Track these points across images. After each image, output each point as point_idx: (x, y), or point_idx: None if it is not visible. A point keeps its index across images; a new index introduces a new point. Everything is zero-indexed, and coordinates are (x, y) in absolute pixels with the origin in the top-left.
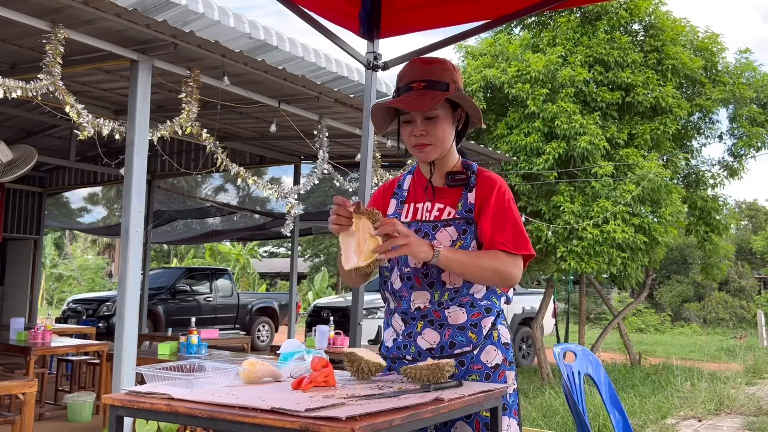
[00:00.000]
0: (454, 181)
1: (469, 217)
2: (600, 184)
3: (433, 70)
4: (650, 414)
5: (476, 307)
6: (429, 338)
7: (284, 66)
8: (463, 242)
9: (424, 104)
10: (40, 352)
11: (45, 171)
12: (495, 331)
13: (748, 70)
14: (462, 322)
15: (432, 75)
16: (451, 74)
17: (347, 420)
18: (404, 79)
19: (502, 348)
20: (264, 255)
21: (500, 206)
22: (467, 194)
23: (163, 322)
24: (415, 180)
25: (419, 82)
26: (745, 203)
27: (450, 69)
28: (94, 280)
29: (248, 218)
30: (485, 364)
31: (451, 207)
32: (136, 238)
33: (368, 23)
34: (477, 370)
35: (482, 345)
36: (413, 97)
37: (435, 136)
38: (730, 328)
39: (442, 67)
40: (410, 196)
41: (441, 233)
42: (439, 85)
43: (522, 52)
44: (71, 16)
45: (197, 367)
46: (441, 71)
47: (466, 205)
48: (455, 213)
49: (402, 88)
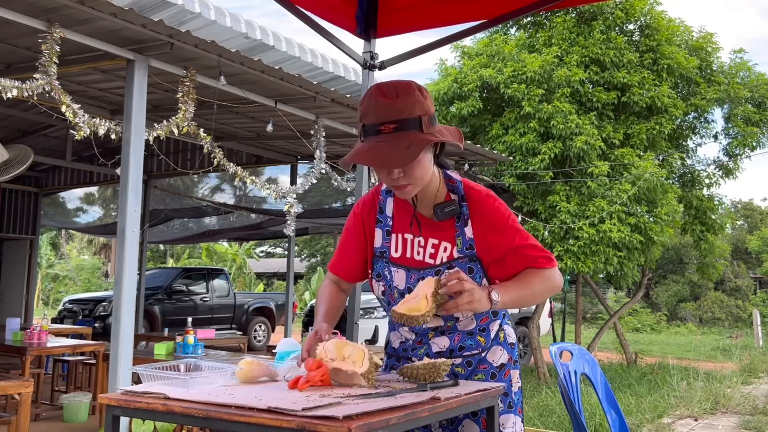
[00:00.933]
0: (443, 215)
1: (471, 255)
2: (596, 183)
3: (401, 106)
4: (646, 413)
5: (484, 312)
6: (440, 343)
7: (281, 66)
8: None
9: (400, 160)
10: (36, 353)
11: (41, 171)
12: (501, 332)
13: (742, 69)
14: (471, 328)
15: (401, 113)
16: (421, 104)
17: (344, 419)
18: (369, 117)
19: (507, 348)
20: (260, 255)
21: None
22: (463, 229)
23: (160, 322)
24: (398, 206)
25: (388, 124)
26: (740, 203)
27: (418, 99)
28: (90, 281)
29: (245, 218)
30: (491, 364)
31: (447, 242)
32: (133, 238)
33: (365, 23)
34: (483, 370)
35: (489, 345)
36: (384, 145)
37: (413, 176)
38: (725, 328)
39: (409, 99)
40: (396, 225)
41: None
42: (410, 123)
43: (518, 52)
44: (67, 15)
45: (193, 366)
46: (410, 105)
47: (465, 242)
48: (454, 251)
49: (368, 129)
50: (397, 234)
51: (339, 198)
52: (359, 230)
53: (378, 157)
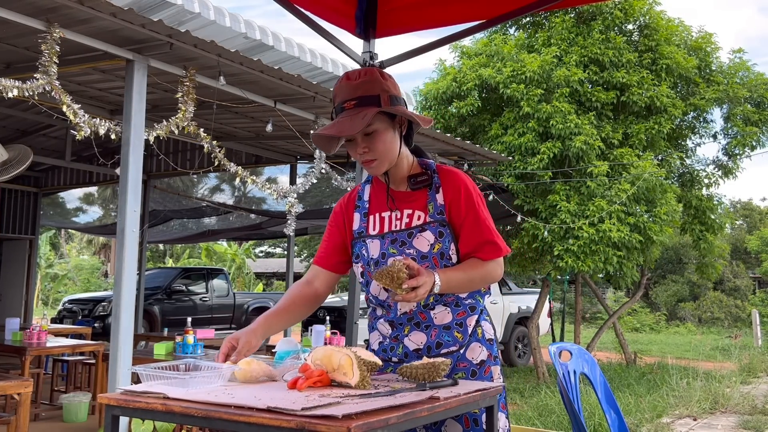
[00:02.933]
0: (416, 184)
1: (441, 219)
2: (595, 183)
3: (360, 86)
4: (645, 413)
5: (461, 306)
6: (416, 339)
7: (280, 66)
8: (441, 245)
9: (354, 126)
10: (36, 353)
11: (40, 171)
12: (479, 328)
13: (741, 69)
14: (447, 322)
15: (359, 91)
16: (381, 84)
17: (343, 419)
18: (336, 98)
19: (486, 344)
20: (260, 255)
21: (471, 210)
22: (435, 195)
23: (159, 322)
24: (375, 189)
25: (349, 101)
26: (739, 203)
27: (378, 79)
28: (89, 280)
29: (244, 218)
30: (470, 361)
31: (420, 210)
32: (132, 238)
33: (364, 23)
34: (463, 368)
35: (468, 343)
36: (346, 119)
37: (376, 150)
38: (725, 328)
39: (369, 79)
40: (372, 206)
41: (418, 239)
42: (369, 99)
43: (517, 52)
44: (66, 15)
45: (193, 366)
46: (369, 84)
47: (436, 207)
48: (427, 216)
49: (337, 109)
50: (374, 214)
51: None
52: (339, 220)
53: (337, 128)
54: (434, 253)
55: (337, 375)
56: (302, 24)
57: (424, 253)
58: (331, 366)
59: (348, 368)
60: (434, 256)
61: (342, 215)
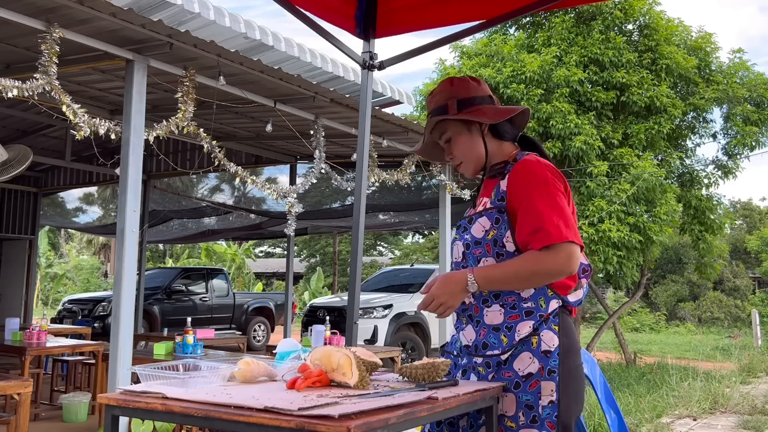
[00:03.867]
0: (491, 172)
1: (501, 206)
2: (595, 183)
3: (432, 100)
4: (645, 413)
5: (517, 308)
6: (468, 335)
7: (280, 66)
8: (496, 231)
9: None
10: (36, 353)
11: (40, 171)
12: (535, 336)
13: (741, 69)
14: (497, 323)
15: (431, 104)
16: (447, 93)
17: (341, 418)
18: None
19: (539, 356)
20: (260, 255)
21: (527, 197)
22: (500, 182)
23: (159, 322)
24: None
25: (429, 115)
26: (739, 203)
27: (446, 89)
28: (89, 281)
29: (244, 218)
30: (516, 372)
31: (487, 197)
32: (132, 238)
33: (364, 23)
34: (507, 378)
35: (515, 351)
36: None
37: (457, 156)
38: (724, 328)
39: (439, 90)
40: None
41: (475, 225)
42: (438, 111)
43: (517, 52)
44: (66, 15)
45: (192, 366)
46: (439, 96)
47: (498, 194)
48: (488, 202)
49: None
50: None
51: (338, 198)
52: None
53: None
54: (488, 240)
55: (336, 375)
56: (302, 24)
57: (478, 239)
58: (330, 366)
59: (347, 368)
60: (488, 242)
61: None
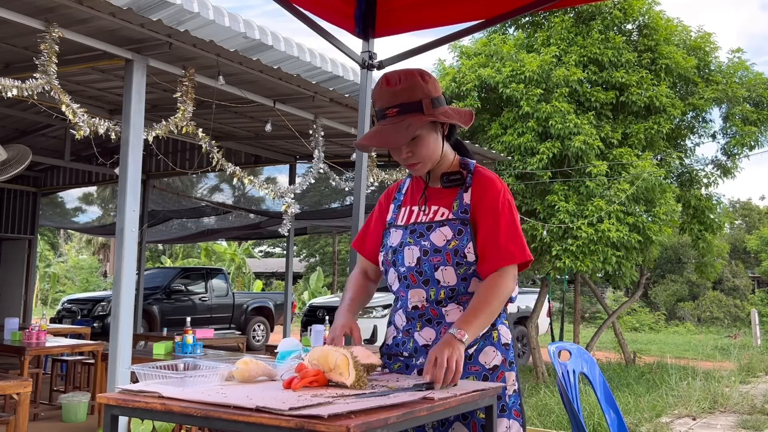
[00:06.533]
0: (449, 182)
1: (464, 218)
2: (594, 183)
3: (401, 92)
4: (645, 412)
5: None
6: (426, 335)
7: (279, 65)
8: (458, 242)
9: (399, 139)
10: (35, 353)
11: (39, 171)
12: (495, 331)
13: (740, 69)
14: None
15: (401, 97)
16: (422, 89)
17: (341, 418)
18: (377, 103)
19: (501, 349)
20: (259, 255)
21: (492, 215)
22: (462, 194)
23: (158, 322)
24: (413, 183)
25: (391, 108)
26: (738, 202)
27: (419, 84)
28: (88, 280)
29: (243, 217)
30: (483, 366)
31: (445, 207)
32: (131, 238)
33: (363, 23)
34: (474, 372)
35: (479, 346)
36: (389, 127)
37: (420, 155)
38: (724, 327)
39: (410, 84)
40: (406, 199)
41: (435, 233)
42: (411, 106)
43: (516, 52)
44: (65, 15)
45: (191, 366)
46: (410, 90)
47: (461, 206)
48: (449, 213)
49: (378, 114)
50: (406, 207)
51: (338, 198)
52: (382, 209)
53: (381, 138)
54: (449, 249)
55: (333, 375)
56: (301, 24)
57: (438, 247)
58: (328, 366)
59: (344, 368)
60: (448, 251)
61: (385, 204)
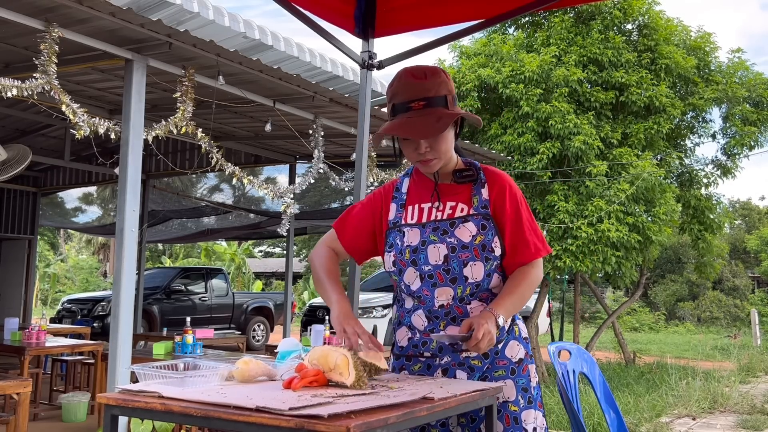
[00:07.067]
0: (462, 177)
1: (485, 213)
2: (594, 183)
3: (429, 86)
4: (645, 412)
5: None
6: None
7: (279, 65)
8: (483, 237)
9: (431, 131)
10: (35, 352)
11: (39, 171)
12: (515, 326)
13: (740, 69)
14: None
15: (429, 91)
16: (446, 85)
17: (341, 417)
18: (400, 96)
19: (523, 342)
20: (259, 255)
21: (515, 210)
22: (480, 190)
23: (158, 322)
24: (415, 181)
25: (418, 101)
26: (738, 202)
27: (444, 80)
28: (88, 280)
29: (243, 217)
30: (510, 359)
31: (464, 203)
32: (131, 238)
33: (363, 22)
34: (503, 366)
35: (505, 340)
36: (417, 120)
37: (439, 150)
38: (724, 327)
39: (437, 80)
40: (411, 198)
41: (460, 229)
42: (438, 100)
43: (516, 51)
44: (65, 15)
45: (191, 366)
46: (437, 85)
47: (481, 201)
48: (470, 209)
49: (399, 107)
50: (412, 205)
51: (337, 198)
52: (376, 207)
53: (412, 129)
54: (475, 244)
55: (333, 375)
56: (301, 24)
57: (465, 243)
58: (328, 366)
59: (344, 368)
60: (475, 247)
61: (380, 203)
